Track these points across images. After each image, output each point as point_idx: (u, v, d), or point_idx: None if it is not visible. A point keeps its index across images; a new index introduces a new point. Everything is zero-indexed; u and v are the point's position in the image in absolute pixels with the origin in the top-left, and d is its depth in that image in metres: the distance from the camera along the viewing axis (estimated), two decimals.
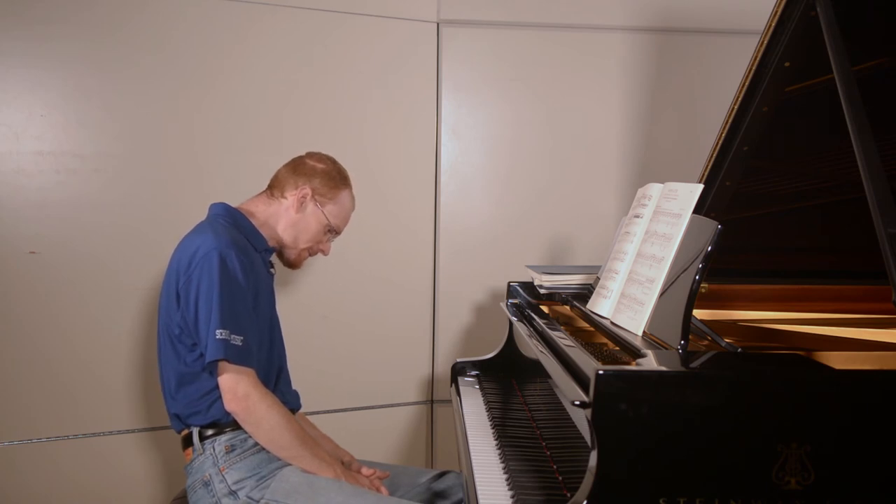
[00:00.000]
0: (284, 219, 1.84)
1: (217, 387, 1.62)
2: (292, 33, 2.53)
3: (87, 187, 2.33)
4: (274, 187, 1.87)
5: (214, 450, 1.64)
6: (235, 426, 1.65)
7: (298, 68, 2.53)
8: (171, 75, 2.39)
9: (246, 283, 1.64)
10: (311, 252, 1.91)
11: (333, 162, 1.91)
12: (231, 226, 1.75)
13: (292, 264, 1.91)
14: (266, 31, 2.49)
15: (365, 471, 1.79)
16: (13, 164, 2.25)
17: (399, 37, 2.65)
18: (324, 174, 1.86)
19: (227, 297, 1.59)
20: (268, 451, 1.66)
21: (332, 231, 1.90)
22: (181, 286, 1.64)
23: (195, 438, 1.67)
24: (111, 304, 2.37)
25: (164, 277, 1.73)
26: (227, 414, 1.63)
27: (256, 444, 1.66)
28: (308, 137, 2.48)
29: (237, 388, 1.59)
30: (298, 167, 1.87)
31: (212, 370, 1.61)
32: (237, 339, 1.58)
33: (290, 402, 1.85)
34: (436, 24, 2.70)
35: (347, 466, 1.81)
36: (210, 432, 1.66)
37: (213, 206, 1.82)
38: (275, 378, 1.80)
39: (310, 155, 1.90)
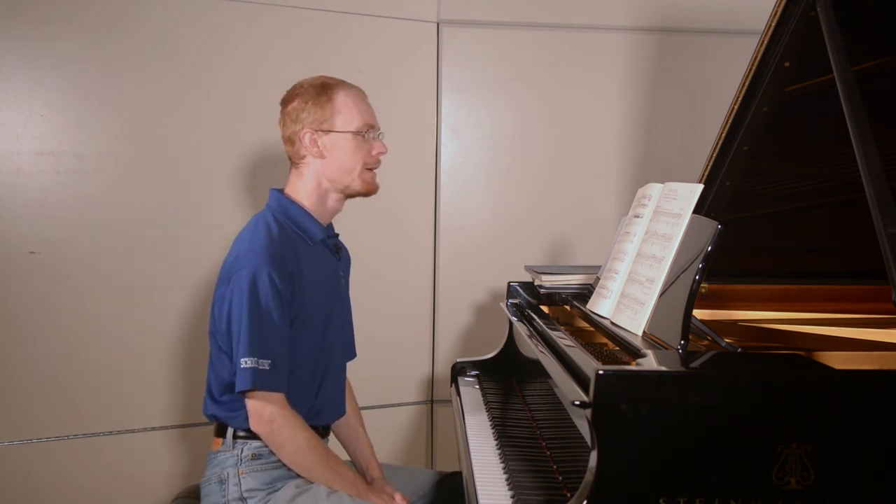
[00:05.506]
0: (320, 171, 1.69)
1: None
2: (292, 33, 2.53)
3: (87, 187, 2.32)
4: (291, 158, 1.72)
5: (242, 451, 1.62)
6: None
7: (298, 68, 2.51)
8: (172, 75, 2.39)
9: (277, 303, 1.56)
10: (370, 166, 1.73)
11: (301, 85, 1.71)
12: (282, 222, 1.65)
13: (368, 191, 1.73)
14: (266, 31, 2.49)
15: (398, 498, 1.69)
16: (13, 164, 2.25)
17: (399, 37, 2.65)
18: (306, 104, 1.68)
19: (255, 322, 1.54)
20: (288, 469, 1.63)
21: (366, 131, 1.71)
22: (217, 297, 1.61)
23: (229, 433, 1.64)
24: (111, 304, 2.36)
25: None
26: None
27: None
28: None
29: (263, 412, 1.56)
30: (285, 121, 1.71)
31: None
32: (264, 364, 1.53)
33: (339, 406, 1.78)
34: (436, 24, 2.70)
35: (371, 483, 1.74)
36: (244, 434, 1.63)
37: (271, 195, 1.71)
38: (321, 377, 1.71)
39: (283, 102, 1.73)
